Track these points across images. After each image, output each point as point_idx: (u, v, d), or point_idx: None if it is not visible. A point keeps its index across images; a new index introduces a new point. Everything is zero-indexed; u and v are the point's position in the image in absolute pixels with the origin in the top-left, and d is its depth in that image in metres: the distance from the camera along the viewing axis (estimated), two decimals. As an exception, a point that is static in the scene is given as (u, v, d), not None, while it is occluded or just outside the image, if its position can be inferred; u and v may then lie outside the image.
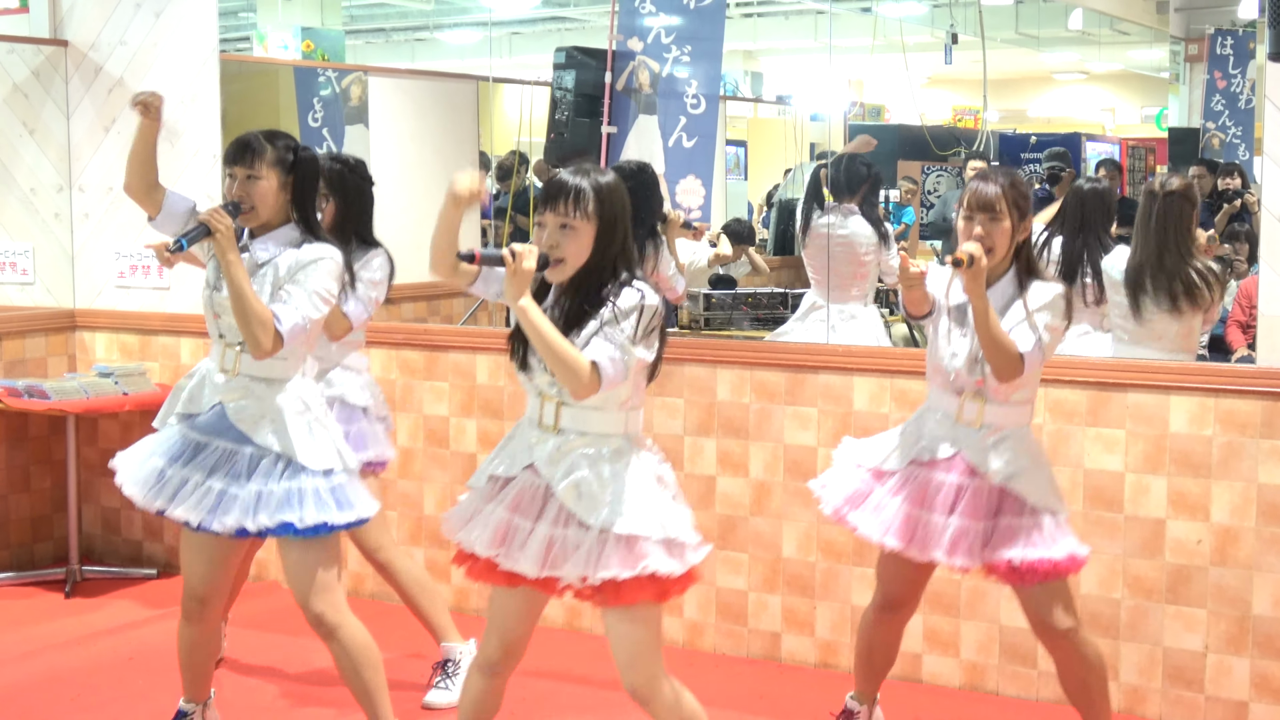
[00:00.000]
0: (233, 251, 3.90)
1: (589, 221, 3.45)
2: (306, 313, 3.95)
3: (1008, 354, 3.82)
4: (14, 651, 5.48)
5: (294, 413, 4.01)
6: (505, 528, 3.55)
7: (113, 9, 6.55)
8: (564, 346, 3.37)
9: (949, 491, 3.97)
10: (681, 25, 6.28)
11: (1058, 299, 3.92)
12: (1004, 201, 3.91)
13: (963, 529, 3.92)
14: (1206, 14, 12.99)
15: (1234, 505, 4.71)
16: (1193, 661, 4.81)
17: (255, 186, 4.00)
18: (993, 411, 3.98)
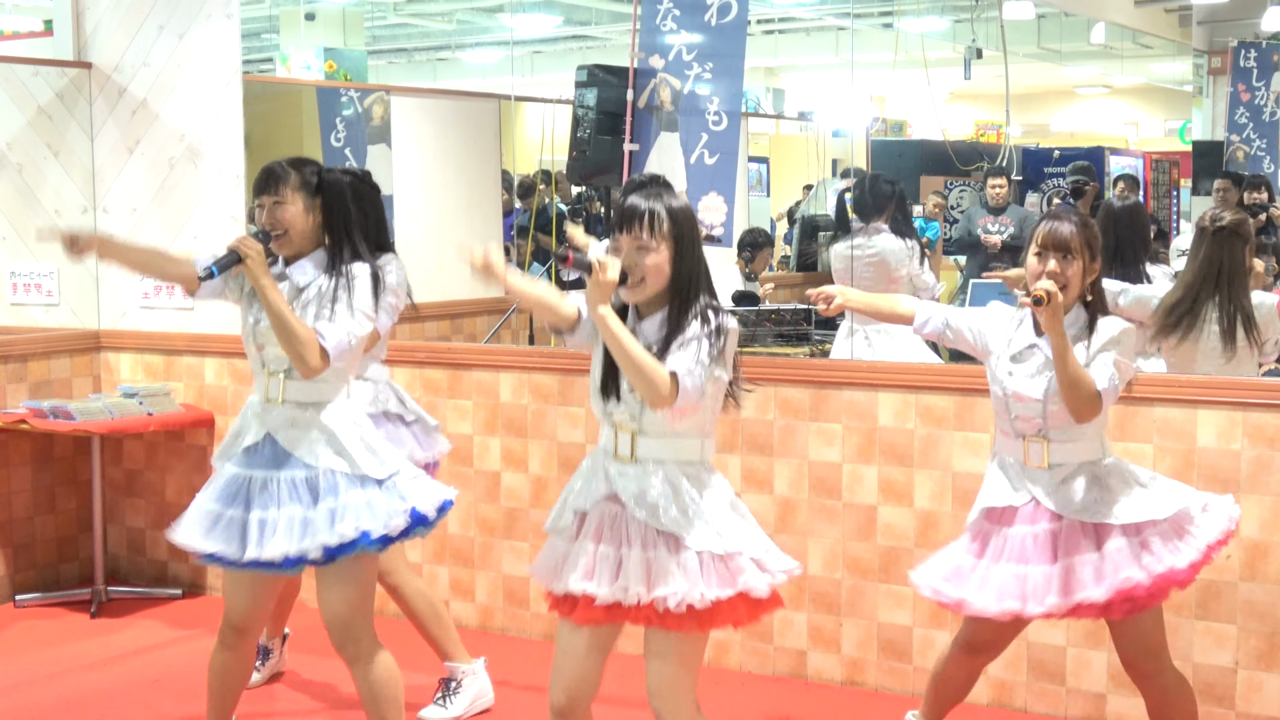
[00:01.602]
0: (266, 276, 3.93)
1: (665, 243, 3.47)
2: (351, 329, 3.97)
3: (1087, 392, 3.78)
4: (40, 672, 5.49)
5: (347, 429, 4.04)
6: (593, 561, 3.55)
7: (136, 31, 6.58)
8: (644, 356, 3.39)
9: (1044, 539, 3.92)
10: (703, 42, 6.27)
11: (1126, 334, 3.91)
12: (1078, 241, 3.90)
13: (1068, 567, 3.87)
14: (1229, 27, 12.97)
15: (1264, 520, 4.67)
16: (1223, 678, 4.77)
17: (282, 212, 4.03)
18: (1059, 450, 3.94)
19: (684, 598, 3.41)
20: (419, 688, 5.18)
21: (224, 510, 4.05)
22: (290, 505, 3.97)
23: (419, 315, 5.28)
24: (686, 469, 3.54)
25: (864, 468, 5.22)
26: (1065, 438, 3.94)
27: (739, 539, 3.51)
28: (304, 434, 4.02)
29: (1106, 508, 3.89)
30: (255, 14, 13.44)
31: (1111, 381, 3.82)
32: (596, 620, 3.54)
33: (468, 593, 5.97)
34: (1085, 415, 3.82)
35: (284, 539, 3.94)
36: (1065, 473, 3.93)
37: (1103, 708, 4.92)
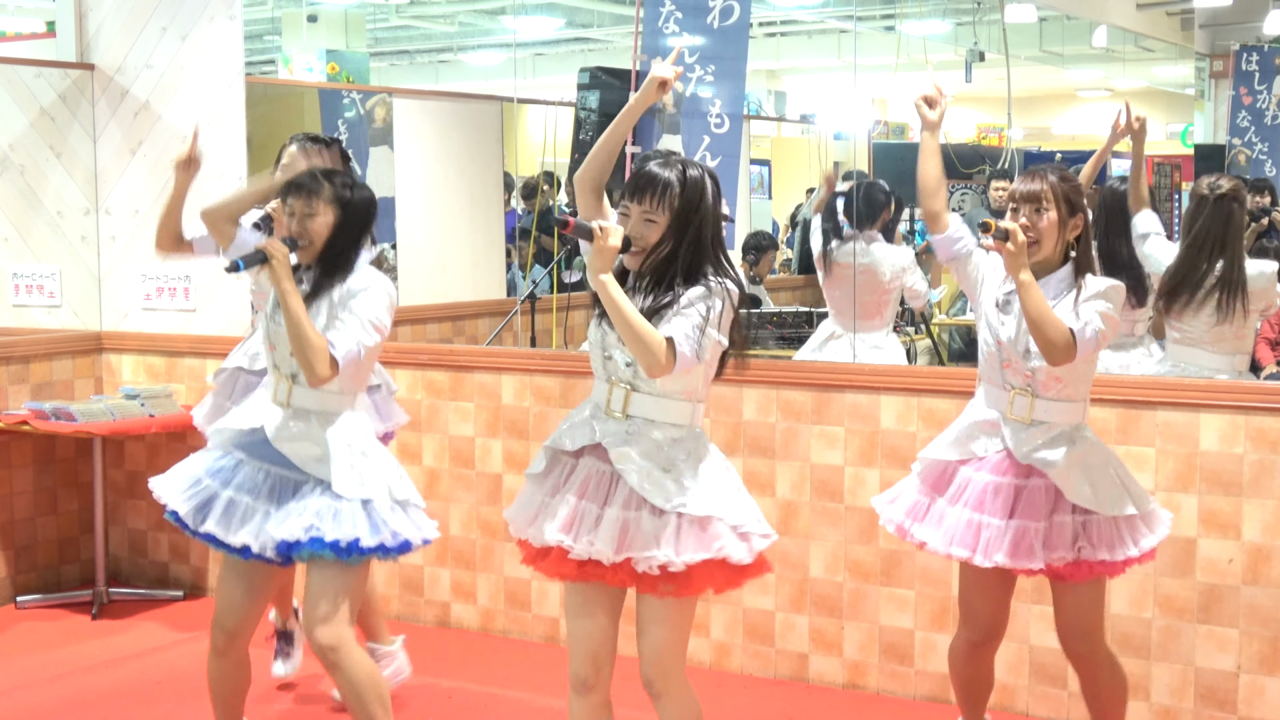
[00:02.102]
0: (288, 280, 3.96)
1: (671, 214, 3.52)
2: (361, 339, 3.98)
3: (1057, 332, 3.73)
4: (42, 674, 5.49)
5: (340, 445, 4.03)
6: (573, 514, 3.55)
7: (139, 32, 6.58)
8: (641, 322, 3.43)
9: (1007, 493, 3.93)
10: (705, 45, 6.27)
11: (1112, 289, 3.86)
12: (1050, 193, 3.88)
13: (1022, 530, 3.88)
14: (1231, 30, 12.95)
15: (1266, 523, 4.67)
16: (1225, 682, 4.76)
17: (311, 223, 4.06)
18: (1043, 407, 3.92)
19: (657, 560, 3.45)
20: (426, 687, 5.19)
21: (204, 479, 4.09)
22: (264, 500, 4.02)
23: (421, 318, 5.28)
24: (675, 431, 3.57)
25: (866, 470, 5.22)
26: (1053, 395, 3.91)
27: (717, 504, 3.53)
28: (299, 441, 4.03)
29: (1069, 479, 3.88)
30: (258, 16, 13.42)
31: (1089, 325, 3.77)
32: (568, 575, 3.58)
33: (469, 595, 5.97)
34: (1057, 357, 3.76)
35: (248, 531, 3.98)
36: (1047, 431, 3.91)
37: (1105, 711, 4.92)
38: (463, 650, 5.75)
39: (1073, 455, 3.90)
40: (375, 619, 5.12)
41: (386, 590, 6.14)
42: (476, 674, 5.47)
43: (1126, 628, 4.86)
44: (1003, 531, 3.89)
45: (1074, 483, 3.89)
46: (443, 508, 6.00)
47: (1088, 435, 3.98)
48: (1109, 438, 4.85)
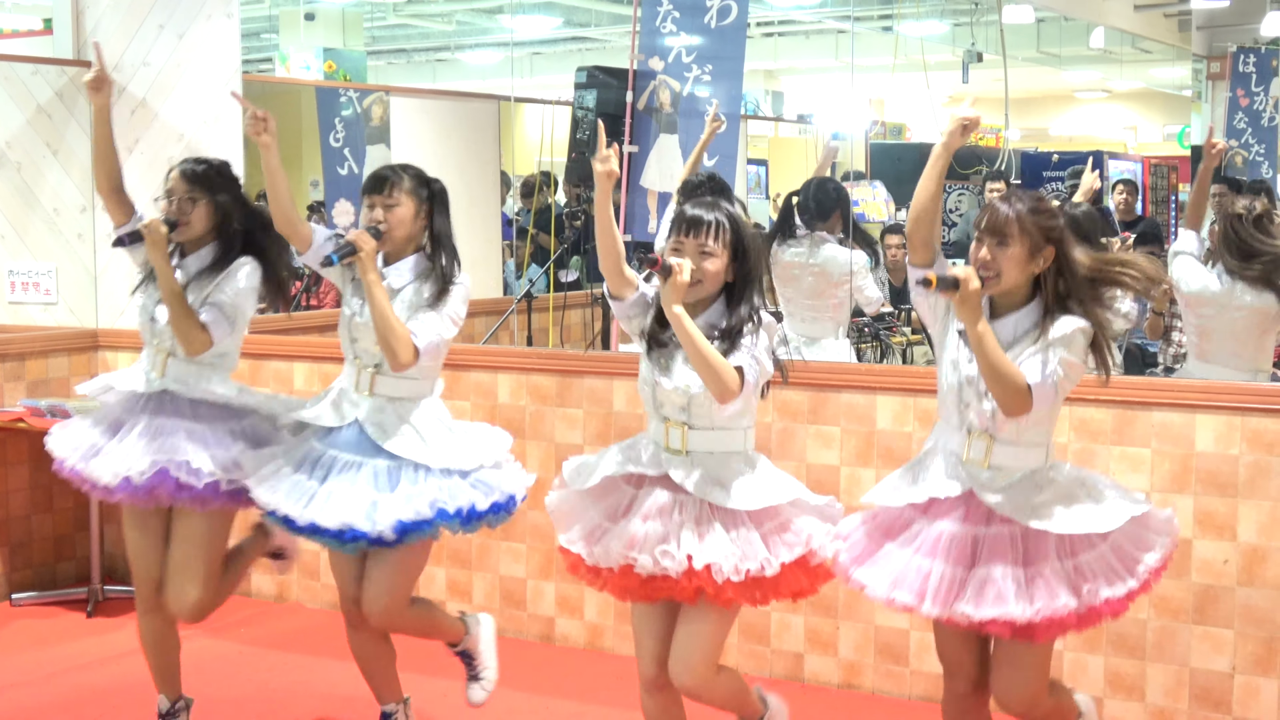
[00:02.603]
0: (374, 271, 4.15)
1: (725, 251, 3.76)
2: (440, 331, 4.21)
3: (1011, 384, 3.50)
4: (37, 672, 5.48)
5: (429, 425, 4.28)
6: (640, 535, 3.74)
7: (136, 30, 6.58)
8: (714, 351, 3.63)
9: (963, 542, 3.63)
10: (702, 45, 6.27)
11: (1077, 334, 3.58)
12: (1015, 226, 3.59)
13: (987, 577, 3.58)
14: (1229, 32, 12.96)
15: (1261, 525, 4.68)
16: (1220, 682, 4.77)
17: (391, 214, 4.25)
18: (1002, 452, 3.65)
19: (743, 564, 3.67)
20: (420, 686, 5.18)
21: (301, 478, 4.24)
22: (367, 489, 4.16)
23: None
24: (733, 458, 3.81)
25: (862, 470, 5.22)
26: (1011, 440, 3.64)
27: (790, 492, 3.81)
28: (392, 427, 4.23)
29: (1046, 513, 3.60)
30: (255, 14, 13.43)
31: (1049, 378, 3.53)
32: (633, 593, 3.79)
33: (465, 594, 5.97)
34: (1012, 409, 3.52)
35: (349, 512, 4.12)
36: (1006, 477, 3.64)
37: (1101, 712, 4.91)
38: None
39: (1044, 497, 3.63)
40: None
41: (382, 589, 6.14)
42: (472, 673, 5.46)
43: (1121, 628, 4.86)
44: (961, 581, 3.59)
45: (1058, 518, 3.60)
46: (439, 506, 5.99)
47: (1056, 472, 3.71)
48: (1105, 439, 4.85)
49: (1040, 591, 3.54)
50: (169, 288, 4.35)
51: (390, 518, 4.10)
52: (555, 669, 5.51)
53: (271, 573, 6.38)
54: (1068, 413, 4.88)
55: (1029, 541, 3.59)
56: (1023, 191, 3.74)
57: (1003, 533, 3.61)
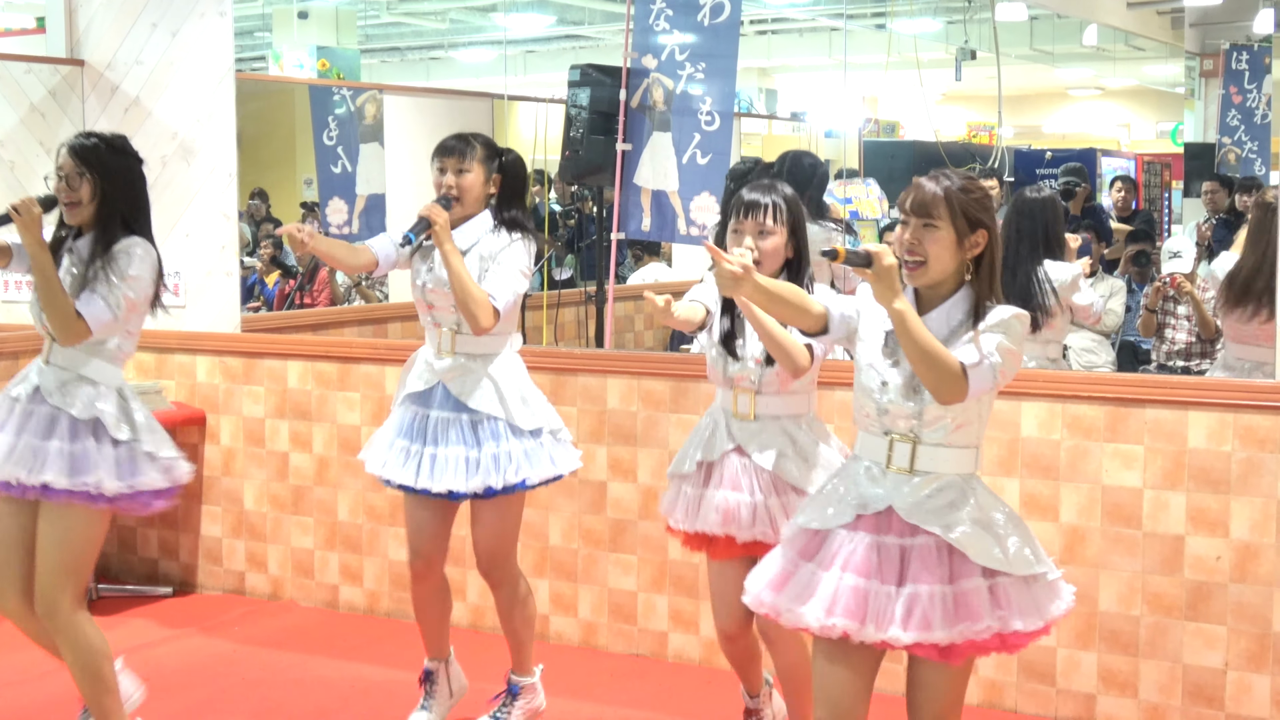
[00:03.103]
0: (449, 241, 4.35)
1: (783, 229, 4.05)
2: (514, 288, 4.43)
3: (942, 365, 3.19)
4: (30, 671, 5.48)
5: (506, 380, 4.50)
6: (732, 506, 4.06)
7: (129, 28, 6.58)
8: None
9: (891, 554, 3.33)
10: (696, 42, 6.27)
11: (1015, 320, 3.31)
12: (944, 207, 3.30)
13: (914, 597, 3.28)
14: (1222, 29, 12.99)
15: (1254, 521, 4.69)
16: (1213, 679, 4.78)
17: (463, 179, 4.46)
18: (928, 455, 3.35)
19: None
20: (413, 684, 5.19)
21: (406, 444, 4.52)
22: (456, 445, 4.44)
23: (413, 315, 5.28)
24: (799, 421, 4.06)
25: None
26: (939, 440, 3.35)
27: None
28: (472, 383, 4.46)
29: (975, 538, 3.30)
30: (248, 12, 13.42)
31: (987, 360, 3.23)
32: (735, 554, 4.07)
33: (459, 592, 5.97)
34: (946, 394, 3.21)
35: (450, 476, 4.42)
36: (932, 483, 3.34)
37: (1093, 708, 4.93)
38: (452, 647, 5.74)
39: (970, 512, 3.32)
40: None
41: (376, 587, 6.14)
42: (465, 670, 5.46)
43: (1114, 625, 4.87)
44: (892, 599, 3.29)
45: (982, 542, 3.30)
46: (433, 504, 6.00)
47: (980, 487, 3.40)
48: (1097, 435, 4.86)
49: (964, 612, 3.27)
50: (39, 272, 4.13)
51: (480, 481, 4.41)
52: (550, 667, 5.51)
53: (265, 571, 6.39)
54: (1060, 410, 4.89)
55: (955, 554, 3.31)
56: (952, 171, 3.42)
57: (929, 544, 3.31)
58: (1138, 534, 4.83)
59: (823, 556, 3.37)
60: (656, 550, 5.56)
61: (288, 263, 9.57)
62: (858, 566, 3.31)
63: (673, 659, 5.55)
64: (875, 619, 3.28)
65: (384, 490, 6.07)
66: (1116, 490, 4.86)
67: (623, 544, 5.62)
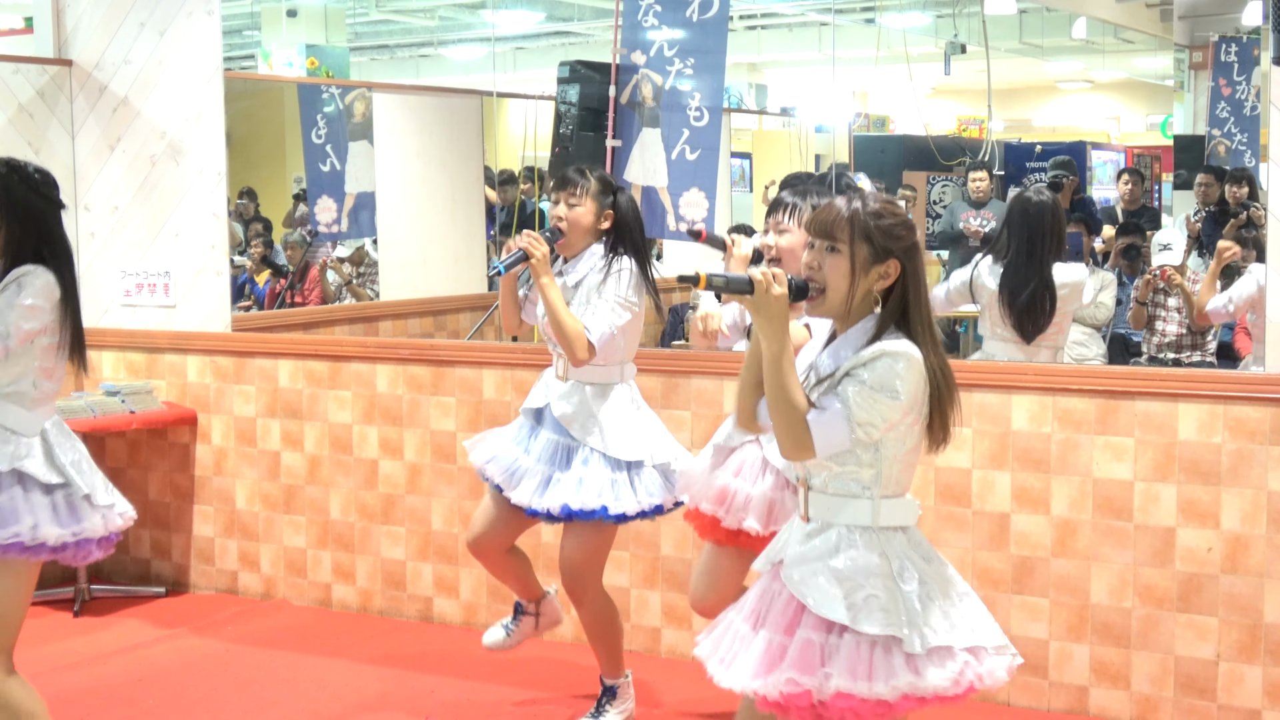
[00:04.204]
0: (546, 275, 4.39)
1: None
2: (612, 320, 4.42)
3: (788, 417, 2.93)
4: (24, 671, 5.47)
5: (610, 411, 4.52)
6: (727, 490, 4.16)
7: (117, 28, 6.56)
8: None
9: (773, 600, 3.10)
10: (684, 38, 6.27)
11: (883, 359, 2.93)
12: (849, 230, 2.99)
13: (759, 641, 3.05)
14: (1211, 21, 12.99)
15: (1244, 512, 4.70)
16: (1205, 670, 4.79)
17: (573, 213, 4.49)
18: (816, 502, 3.06)
19: None
20: (409, 683, 5.18)
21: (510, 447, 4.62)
22: (545, 464, 4.52)
23: (401, 313, 5.31)
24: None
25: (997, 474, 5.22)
26: (822, 487, 3.06)
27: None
28: (576, 410, 4.52)
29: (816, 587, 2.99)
30: (236, 10, 13.39)
31: (834, 415, 2.92)
32: (721, 539, 4.15)
33: (451, 589, 5.97)
34: (788, 450, 2.96)
35: (526, 492, 4.49)
36: (817, 534, 3.05)
37: (1085, 701, 4.94)
38: (446, 645, 5.75)
39: (835, 562, 3.00)
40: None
41: (368, 585, 6.14)
42: (459, 668, 5.48)
43: (1106, 617, 4.88)
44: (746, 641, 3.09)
45: (824, 592, 2.98)
46: (424, 502, 6.00)
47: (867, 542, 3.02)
48: (1088, 428, 4.87)
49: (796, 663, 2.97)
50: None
51: (559, 499, 4.45)
52: (544, 666, 5.51)
53: (257, 570, 6.39)
54: (1051, 403, 4.90)
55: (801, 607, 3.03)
56: (873, 194, 3.10)
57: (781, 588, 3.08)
58: (1129, 526, 4.84)
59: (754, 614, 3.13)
60: (649, 547, 5.57)
61: (278, 262, 9.56)
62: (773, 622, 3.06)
63: (665, 655, 5.55)
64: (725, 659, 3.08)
65: (376, 489, 6.08)
66: (1107, 483, 4.86)
67: (616, 541, 5.61)
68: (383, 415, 6.06)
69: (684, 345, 7.77)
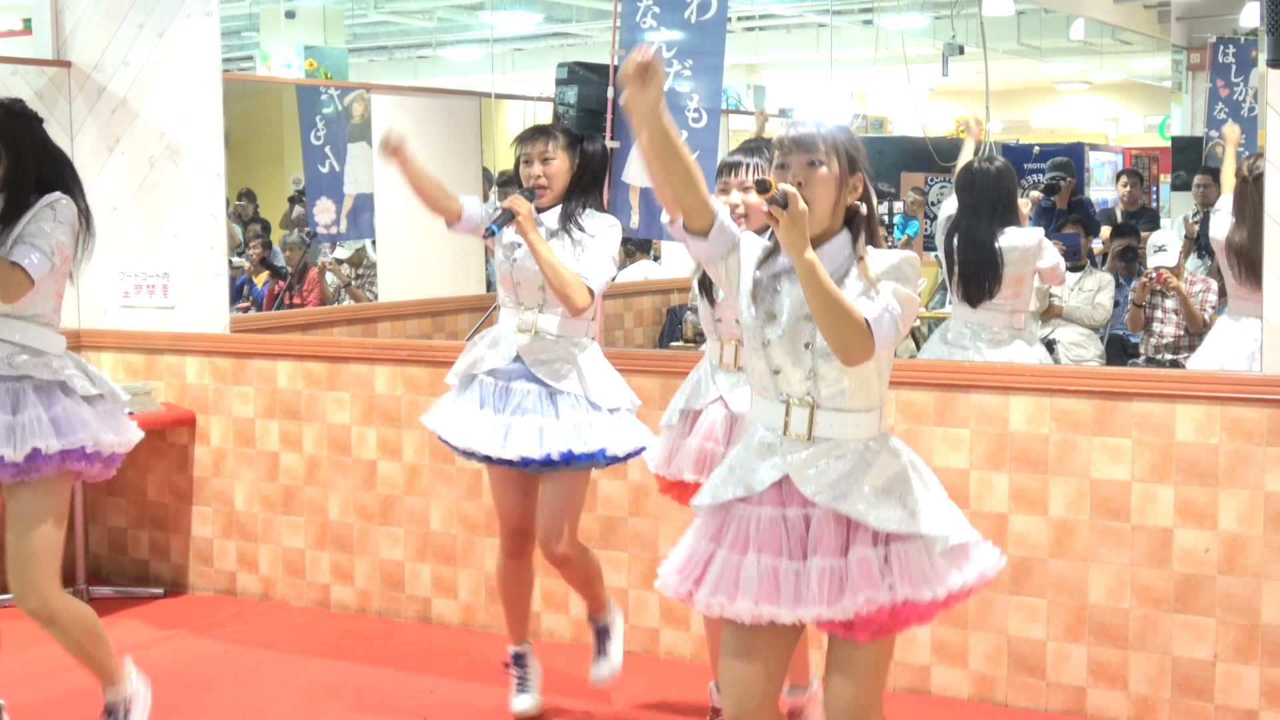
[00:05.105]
0: (534, 231, 4.49)
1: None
2: (608, 270, 4.56)
3: (852, 324, 3.00)
4: (22, 672, 5.48)
5: (586, 359, 4.62)
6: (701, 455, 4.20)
7: (115, 29, 6.57)
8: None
9: (796, 525, 3.16)
10: (683, 39, 6.27)
11: (906, 263, 3.14)
12: (826, 143, 3.15)
13: (823, 571, 3.11)
14: (1208, 23, 13.00)
15: (1241, 513, 4.70)
16: (1202, 671, 4.79)
17: (549, 167, 4.60)
18: (827, 421, 3.16)
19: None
20: (406, 683, 5.18)
21: (479, 411, 4.62)
22: (533, 414, 4.55)
23: (399, 314, 5.33)
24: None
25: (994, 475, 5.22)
26: (839, 404, 3.16)
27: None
28: (551, 362, 4.59)
29: (866, 501, 3.12)
30: (235, 12, 13.41)
31: (887, 311, 3.05)
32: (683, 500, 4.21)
33: (450, 590, 5.98)
34: (854, 355, 3.04)
35: (523, 443, 4.51)
36: (829, 452, 3.16)
37: (1083, 701, 4.95)
38: (444, 646, 5.75)
39: (871, 478, 3.14)
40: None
41: (367, 586, 6.15)
42: (458, 669, 5.48)
43: (1104, 617, 4.89)
44: (802, 575, 3.12)
45: (879, 509, 3.12)
46: (423, 503, 6.00)
47: (883, 449, 3.20)
48: (1085, 429, 4.88)
49: (858, 583, 3.08)
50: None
51: (559, 445, 4.50)
52: (544, 664, 5.52)
53: (257, 571, 6.39)
54: (1048, 404, 4.91)
55: (852, 526, 3.14)
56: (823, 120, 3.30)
57: (828, 513, 3.14)
58: (1126, 527, 4.85)
59: (734, 538, 3.19)
60: (647, 547, 5.57)
61: (276, 263, 9.57)
62: (767, 545, 3.14)
63: (664, 656, 5.56)
64: (792, 599, 3.10)
65: (374, 490, 6.08)
66: (1105, 483, 4.87)
67: (614, 541, 5.62)
68: (381, 416, 6.06)
69: (682, 346, 7.78)
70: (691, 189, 3.15)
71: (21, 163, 4.15)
